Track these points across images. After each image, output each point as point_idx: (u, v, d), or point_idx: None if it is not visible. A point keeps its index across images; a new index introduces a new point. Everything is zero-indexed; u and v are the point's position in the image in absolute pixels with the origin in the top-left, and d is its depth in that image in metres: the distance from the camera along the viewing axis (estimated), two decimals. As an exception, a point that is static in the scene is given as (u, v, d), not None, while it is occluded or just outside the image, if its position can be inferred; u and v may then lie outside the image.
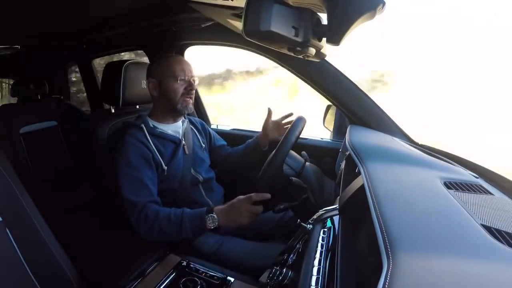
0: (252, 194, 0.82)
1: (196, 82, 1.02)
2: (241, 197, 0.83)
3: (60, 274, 0.76)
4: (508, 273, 0.33)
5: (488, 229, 0.40)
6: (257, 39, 0.46)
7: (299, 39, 0.46)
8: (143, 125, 0.98)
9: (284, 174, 0.88)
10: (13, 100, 2.06)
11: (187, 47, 1.42)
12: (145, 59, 1.54)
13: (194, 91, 1.00)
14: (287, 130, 0.87)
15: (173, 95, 0.97)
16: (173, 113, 1.02)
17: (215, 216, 0.83)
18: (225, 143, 1.25)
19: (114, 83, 1.09)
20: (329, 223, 0.65)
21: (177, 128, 1.05)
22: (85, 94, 2.14)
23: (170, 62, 0.98)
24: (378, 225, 0.39)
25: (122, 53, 2.33)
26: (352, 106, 1.02)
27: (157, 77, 0.99)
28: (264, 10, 0.42)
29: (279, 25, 0.43)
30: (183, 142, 1.04)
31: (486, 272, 0.32)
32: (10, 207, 0.73)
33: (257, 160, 1.05)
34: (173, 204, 0.94)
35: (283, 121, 1.09)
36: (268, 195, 0.81)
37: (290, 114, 1.09)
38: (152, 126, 1.00)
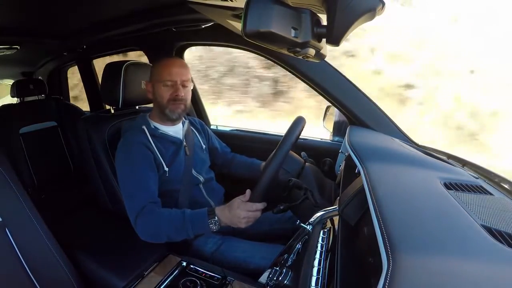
0: (250, 203, 0.80)
1: (190, 87, 1.01)
2: (240, 201, 0.81)
3: (59, 274, 0.77)
4: (508, 273, 0.33)
5: (488, 229, 0.40)
6: (256, 39, 0.46)
7: (298, 40, 0.46)
8: (144, 127, 0.98)
9: (284, 172, 0.88)
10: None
11: (187, 47, 1.42)
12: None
13: (181, 96, 0.96)
14: (286, 131, 0.87)
15: (159, 99, 0.97)
16: (166, 116, 1.01)
17: (217, 219, 0.82)
18: (223, 147, 1.25)
19: (114, 83, 1.09)
20: (328, 224, 0.65)
21: (178, 129, 1.05)
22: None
23: (160, 65, 0.98)
24: (378, 225, 0.39)
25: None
26: (352, 106, 1.02)
27: (151, 79, 1.00)
28: (263, 10, 0.42)
29: (279, 26, 0.43)
30: (184, 143, 1.04)
31: (486, 272, 0.32)
32: (9, 208, 0.73)
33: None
34: (175, 205, 0.93)
35: None
36: (263, 205, 0.81)
37: None
38: (153, 127, 1.00)
